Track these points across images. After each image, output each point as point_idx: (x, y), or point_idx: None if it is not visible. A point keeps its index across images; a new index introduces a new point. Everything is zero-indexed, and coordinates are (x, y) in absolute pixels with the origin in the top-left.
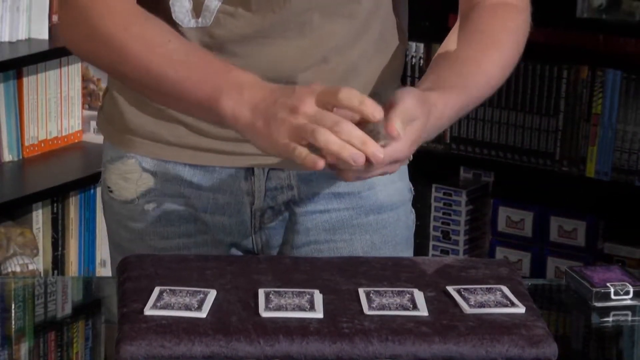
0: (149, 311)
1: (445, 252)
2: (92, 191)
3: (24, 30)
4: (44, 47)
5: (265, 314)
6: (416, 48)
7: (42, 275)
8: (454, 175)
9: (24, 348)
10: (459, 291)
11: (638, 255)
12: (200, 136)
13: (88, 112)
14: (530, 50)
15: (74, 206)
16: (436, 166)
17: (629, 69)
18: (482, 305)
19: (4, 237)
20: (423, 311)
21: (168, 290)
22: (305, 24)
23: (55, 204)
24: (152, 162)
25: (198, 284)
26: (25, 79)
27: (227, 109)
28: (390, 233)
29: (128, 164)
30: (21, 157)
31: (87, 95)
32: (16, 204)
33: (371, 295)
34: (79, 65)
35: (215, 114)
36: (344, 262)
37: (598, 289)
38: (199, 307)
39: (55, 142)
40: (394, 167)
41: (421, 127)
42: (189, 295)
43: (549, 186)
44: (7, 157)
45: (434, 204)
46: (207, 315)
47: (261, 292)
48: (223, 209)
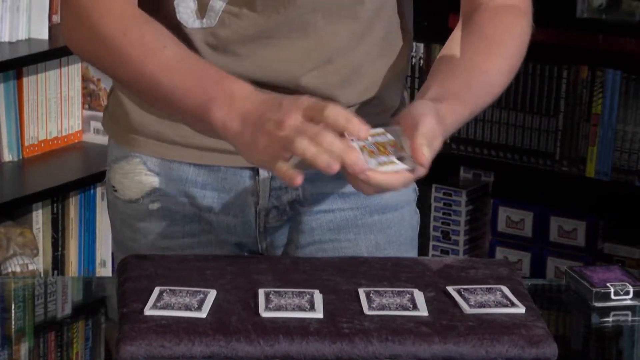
0: (149, 311)
1: (445, 252)
2: (92, 191)
3: (23, 30)
4: (44, 47)
5: (265, 314)
6: (416, 48)
7: (42, 275)
8: (454, 175)
9: (24, 348)
10: (459, 291)
11: (638, 255)
12: (205, 136)
13: (88, 112)
14: (530, 50)
15: (74, 206)
16: (436, 166)
17: (628, 69)
18: (482, 306)
19: (4, 237)
20: (423, 311)
21: (168, 291)
22: (309, 25)
23: (55, 204)
24: (157, 162)
25: (198, 284)
26: (25, 79)
27: (218, 119)
28: (395, 233)
29: (133, 164)
30: (21, 157)
31: (87, 96)
32: (16, 204)
33: (371, 295)
34: (79, 65)
35: (206, 123)
36: (343, 262)
37: (598, 289)
38: (199, 307)
39: (55, 142)
40: (411, 184)
41: (440, 145)
42: (189, 295)
43: (549, 186)
44: (7, 157)
45: (433, 204)
46: (207, 316)
47: (261, 292)
48: (227, 208)
